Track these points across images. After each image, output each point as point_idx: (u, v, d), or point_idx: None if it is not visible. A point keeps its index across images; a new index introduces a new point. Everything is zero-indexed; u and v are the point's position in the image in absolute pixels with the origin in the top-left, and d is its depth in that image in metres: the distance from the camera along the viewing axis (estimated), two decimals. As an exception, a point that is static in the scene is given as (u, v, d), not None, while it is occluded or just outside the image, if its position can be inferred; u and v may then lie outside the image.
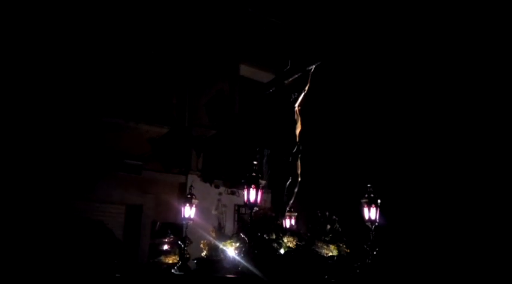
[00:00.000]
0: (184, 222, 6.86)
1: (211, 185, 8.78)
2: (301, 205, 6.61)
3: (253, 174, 5.59)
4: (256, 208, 5.54)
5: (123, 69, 8.47)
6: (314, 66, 6.76)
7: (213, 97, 9.33)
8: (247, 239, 5.38)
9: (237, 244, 5.89)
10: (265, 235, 5.64)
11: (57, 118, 7.48)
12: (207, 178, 8.89)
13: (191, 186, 7.14)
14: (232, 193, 8.76)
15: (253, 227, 5.48)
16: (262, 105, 10.24)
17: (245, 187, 5.54)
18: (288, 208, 6.71)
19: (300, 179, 6.80)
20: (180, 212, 7.19)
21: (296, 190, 6.73)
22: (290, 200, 6.71)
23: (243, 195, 5.60)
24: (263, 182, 5.60)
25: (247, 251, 5.33)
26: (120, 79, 8.36)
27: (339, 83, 7.37)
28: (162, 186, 8.58)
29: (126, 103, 8.25)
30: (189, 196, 6.95)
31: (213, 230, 6.64)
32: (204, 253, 6.58)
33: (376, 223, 6.03)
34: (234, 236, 6.13)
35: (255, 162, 5.73)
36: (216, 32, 9.47)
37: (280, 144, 6.93)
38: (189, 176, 8.70)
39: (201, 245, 6.57)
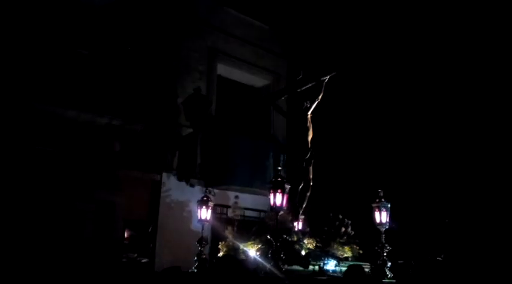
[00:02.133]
0: (200, 224, 7.10)
1: (187, 184, 8.78)
2: (313, 208, 6.94)
3: (279, 179, 5.87)
4: (281, 212, 5.82)
5: (97, 63, 8.31)
6: (328, 77, 7.10)
7: (190, 95, 9.32)
8: (274, 241, 5.64)
9: (259, 246, 6.15)
10: (288, 237, 5.94)
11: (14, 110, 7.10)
12: (182, 176, 8.91)
13: (207, 189, 7.36)
14: (208, 192, 8.33)
15: (279, 230, 5.76)
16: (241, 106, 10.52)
17: (271, 191, 5.81)
18: (301, 212, 7.02)
19: (312, 183, 7.14)
20: (152, 210, 7.43)
21: (308, 194, 7.06)
22: (303, 204, 7.03)
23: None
24: (288, 187, 5.90)
25: (274, 252, 5.60)
26: (93, 74, 8.17)
27: (351, 89, 7.75)
28: (135, 184, 8.38)
29: (100, 99, 8.04)
30: (205, 198, 7.19)
31: (230, 232, 6.87)
32: (221, 254, 6.82)
33: (387, 226, 6.44)
34: (255, 238, 6.38)
35: (279, 168, 6.01)
36: (194, 31, 9.43)
37: (294, 150, 7.23)
38: (164, 174, 8.61)
39: (219, 246, 6.80)
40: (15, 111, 7.11)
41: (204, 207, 7.12)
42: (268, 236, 5.70)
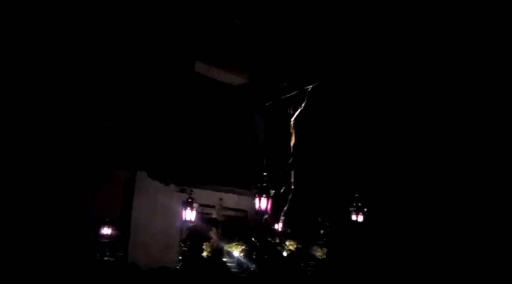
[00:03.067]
0: (183, 224, 7.31)
1: (160, 182, 8.48)
2: (294, 211, 7.29)
3: (264, 184, 6.17)
4: (266, 216, 6.14)
5: (67, 57, 7.86)
6: (311, 86, 7.45)
7: (166, 92, 8.94)
8: (258, 243, 5.95)
9: (243, 247, 6.45)
10: (270, 239, 6.26)
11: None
12: (156, 175, 8.52)
13: (191, 190, 7.56)
14: (182, 191, 8.52)
15: (263, 232, 6.07)
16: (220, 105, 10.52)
17: (257, 196, 6.11)
18: (282, 214, 7.37)
19: (293, 187, 7.50)
20: (126, 209, 7.42)
21: (290, 197, 7.41)
22: (284, 206, 7.38)
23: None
24: (272, 191, 6.21)
25: (258, 254, 5.91)
26: (64, 69, 7.76)
27: (332, 96, 8.03)
28: (108, 182, 8.08)
29: (72, 94, 7.71)
30: (189, 200, 7.40)
31: (216, 233, 7.13)
32: (205, 254, 7.06)
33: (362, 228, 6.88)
34: (239, 239, 6.67)
35: (265, 173, 6.32)
36: (172, 27, 9.10)
37: (276, 154, 7.55)
38: (138, 173, 8.32)
39: (204, 246, 7.04)
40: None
41: (188, 208, 7.33)
42: (253, 239, 5.97)
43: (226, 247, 6.72)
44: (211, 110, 10.39)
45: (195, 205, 7.28)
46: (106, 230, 8.35)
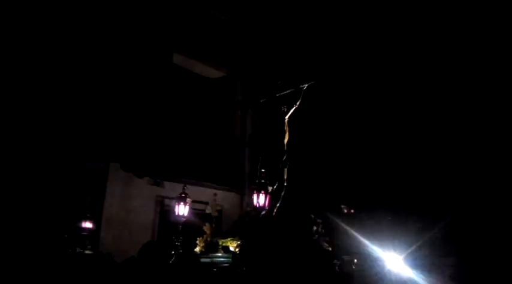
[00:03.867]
0: (178, 220, 7.32)
1: (134, 175, 8.48)
2: (287, 207, 7.38)
3: (262, 181, 6.26)
4: (264, 211, 6.22)
5: (40, 47, 7.71)
6: (307, 85, 7.55)
7: (142, 83, 8.90)
8: (255, 240, 6.03)
9: (239, 242, 6.51)
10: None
11: None
12: (129, 167, 8.56)
13: (185, 185, 7.56)
14: (156, 183, 8.63)
15: (262, 228, 6.16)
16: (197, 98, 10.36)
17: (255, 192, 6.19)
18: (275, 210, 7.45)
19: (286, 184, 7.59)
20: (98, 201, 7.41)
21: (283, 194, 7.50)
22: (277, 203, 7.46)
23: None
24: (270, 188, 6.30)
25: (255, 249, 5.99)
26: (35, 59, 7.62)
27: (327, 95, 8.18)
28: (80, 174, 8.04)
29: (44, 85, 7.59)
30: (183, 195, 7.41)
31: (208, 228, 7.17)
32: (197, 249, 7.10)
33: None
34: (232, 235, 6.73)
35: (263, 170, 6.39)
36: (150, 17, 9.00)
37: (271, 152, 7.63)
38: (111, 165, 8.27)
39: (197, 242, 7.07)
40: None
41: (182, 203, 7.35)
42: (249, 234, 6.04)
43: (221, 242, 6.76)
44: (188, 102, 10.34)
45: (188, 200, 7.28)
46: (86, 224, 8.28)
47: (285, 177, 7.68)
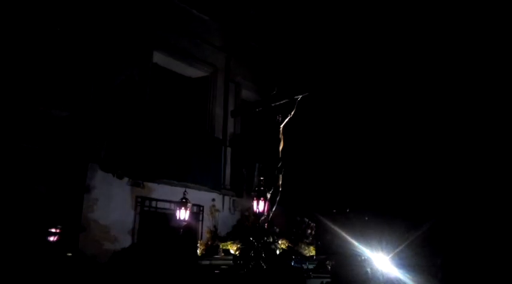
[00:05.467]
0: (179, 223, 7.69)
1: (113, 175, 8.31)
2: (282, 212, 7.86)
3: (262, 188, 6.69)
4: (263, 217, 6.65)
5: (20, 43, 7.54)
6: (301, 96, 8.00)
7: (122, 82, 8.70)
8: (256, 243, 6.46)
9: (239, 246, 6.93)
10: (267, 239, 6.79)
11: None
12: (109, 167, 8.35)
13: (185, 190, 7.93)
14: (136, 184, 8.51)
15: (260, 232, 6.60)
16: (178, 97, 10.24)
17: (255, 199, 6.63)
18: (270, 215, 7.89)
19: (281, 189, 8.04)
20: (77, 202, 7.40)
21: (278, 199, 7.95)
22: (272, 207, 7.91)
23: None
24: (269, 195, 6.74)
25: (256, 252, 6.43)
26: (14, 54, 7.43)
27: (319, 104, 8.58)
28: (59, 174, 7.78)
29: (22, 81, 7.41)
30: (183, 200, 7.78)
31: (208, 231, 7.56)
32: (198, 252, 7.49)
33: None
34: (231, 238, 7.14)
35: (262, 178, 6.83)
36: (129, 14, 8.87)
37: (267, 159, 8.05)
38: (90, 165, 8.09)
39: (198, 244, 7.46)
40: None
41: (182, 207, 7.72)
42: (251, 238, 6.47)
43: (222, 245, 7.16)
44: (169, 102, 10.19)
45: (188, 205, 7.65)
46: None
47: (280, 183, 8.14)
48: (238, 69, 10.95)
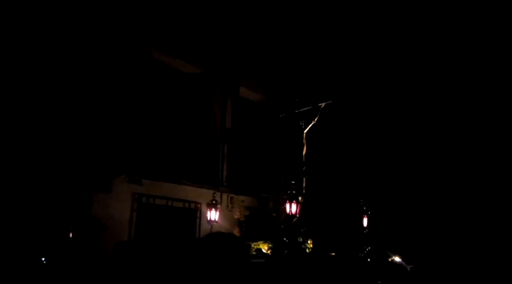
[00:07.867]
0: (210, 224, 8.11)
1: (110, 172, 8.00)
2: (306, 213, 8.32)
3: (293, 191, 7.16)
4: (295, 219, 7.12)
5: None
6: (324, 103, 8.46)
7: (119, 78, 8.42)
8: (289, 243, 6.93)
9: (270, 245, 7.39)
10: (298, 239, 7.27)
11: None
12: (105, 165, 7.94)
13: (214, 193, 8.34)
14: (133, 181, 8.34)
15: (294, 233, 7.07)
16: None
17: (287, 202, 7.09)
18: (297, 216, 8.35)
19: (304, 191, 8.51)
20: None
21: (302, 201, 8.41)
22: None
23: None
24: (300, 198, 7.21)
25: (289, 251, 6.90)
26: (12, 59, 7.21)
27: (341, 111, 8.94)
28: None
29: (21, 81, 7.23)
30: (214, 202, 8.20)
31: (238, 231, 8.00)
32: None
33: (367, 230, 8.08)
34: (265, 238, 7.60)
35: (293, 182, 7.29)
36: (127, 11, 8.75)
37: (290, 164, 8.51)
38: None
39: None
40: None
41: (213, 209, 8.14)
42: (285, 239, 6.93)
43: (254, 245, 7.60)
44: (167, 99, 9.92)
45: (218, 206, 8.06)
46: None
47: (304, 185, 8.62)
48: (236, 66, 10.83)
